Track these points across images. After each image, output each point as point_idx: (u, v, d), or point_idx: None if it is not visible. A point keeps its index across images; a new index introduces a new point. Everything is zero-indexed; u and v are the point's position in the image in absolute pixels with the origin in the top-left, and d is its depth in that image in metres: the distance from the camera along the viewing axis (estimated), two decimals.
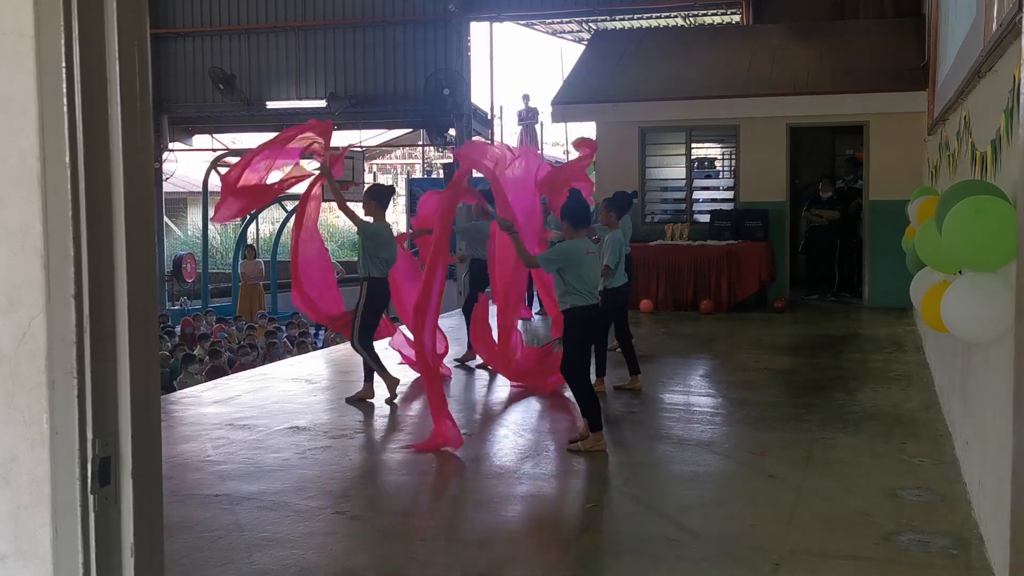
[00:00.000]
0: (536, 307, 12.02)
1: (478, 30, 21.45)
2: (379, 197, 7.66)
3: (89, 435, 1.62)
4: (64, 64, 1.57)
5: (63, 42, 1.57)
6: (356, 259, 7.64)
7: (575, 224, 6.05)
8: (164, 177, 22.40)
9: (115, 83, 1.62)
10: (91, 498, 1.64)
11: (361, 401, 7.49)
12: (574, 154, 9.33)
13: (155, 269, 1.78)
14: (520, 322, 8.15)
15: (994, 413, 3.99)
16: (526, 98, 23.20)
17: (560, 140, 28.92)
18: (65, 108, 1.58)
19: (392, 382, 7.50)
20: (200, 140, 24.44)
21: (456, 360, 9.01)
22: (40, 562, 1.63)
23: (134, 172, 1.66)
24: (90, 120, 1.60)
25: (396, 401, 7.46)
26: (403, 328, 8.26)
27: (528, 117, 23.25)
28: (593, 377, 6.66)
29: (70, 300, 1.60)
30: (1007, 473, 3.55)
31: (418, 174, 30.50)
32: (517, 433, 6.49)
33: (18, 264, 1.61)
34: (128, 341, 1.66)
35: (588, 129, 16.86)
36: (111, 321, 1.66)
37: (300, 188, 7.94)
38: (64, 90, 1.58)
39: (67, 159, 1.58)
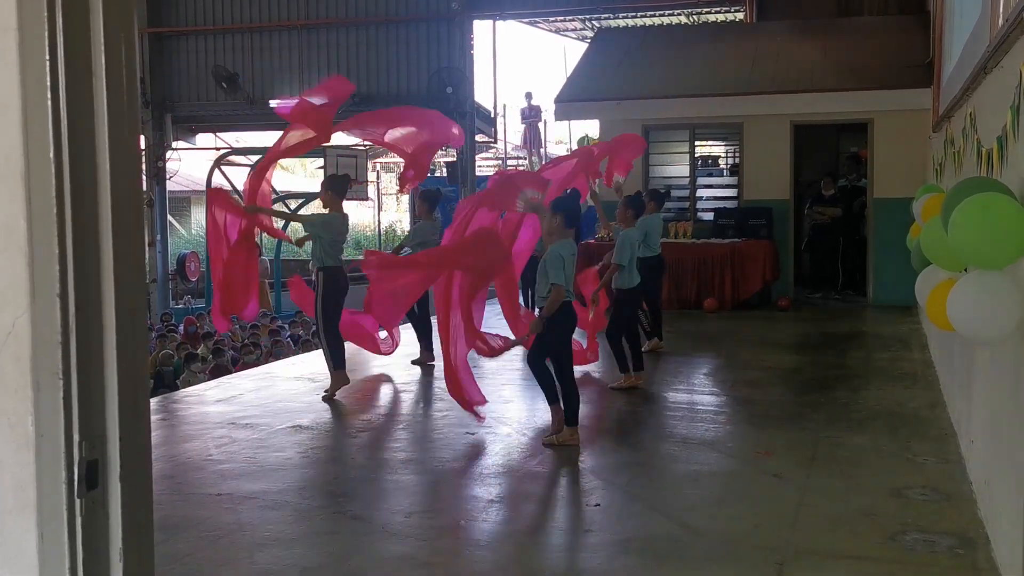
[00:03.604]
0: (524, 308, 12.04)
1: (481, 28, 21.45)
2: (336, 187, 7.79)
3: (75, 438, 1.58)
4: (48, 57, 1.54)
5: (47, 35, 1.53)
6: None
7: (568, 222, 6.09)
8: (167, 176, 22.40)
9: (101, 77, 1.58)
10: (78, 502, 1.60)
11: (335, 390, 7.55)
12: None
13: (144, 267, 1.75)
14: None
15: (1000, 411, 3.96)
16: (528, 96, 23.19)
17: (564, 138, 28.88)
18: (49, 103, 1.54)
19: (340, 380, 7.52)
20: (203, 139, 24.45)
21: (413, 361, 9.10)
22: (25, 568, 1.60)
23: (121, 168, 1.62)
24: (75, 115, 1.56)
25: (337, 397, 7.51)
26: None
27: (531, 115, 23.23)
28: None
29: (55, 300, 1.57)
30: (1014, 472, 3.52)
31: None
32: (520, 432, 6.46)
33: (2, 263, 1.57)
34: (116, 341, 1.62)
35: (591, 127, 16.84)
36: (98, 321, 1.62)
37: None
38: (48, 84, 1.54)
39: (51, 155, 1.54)
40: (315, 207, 7.93)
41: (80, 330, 1.59)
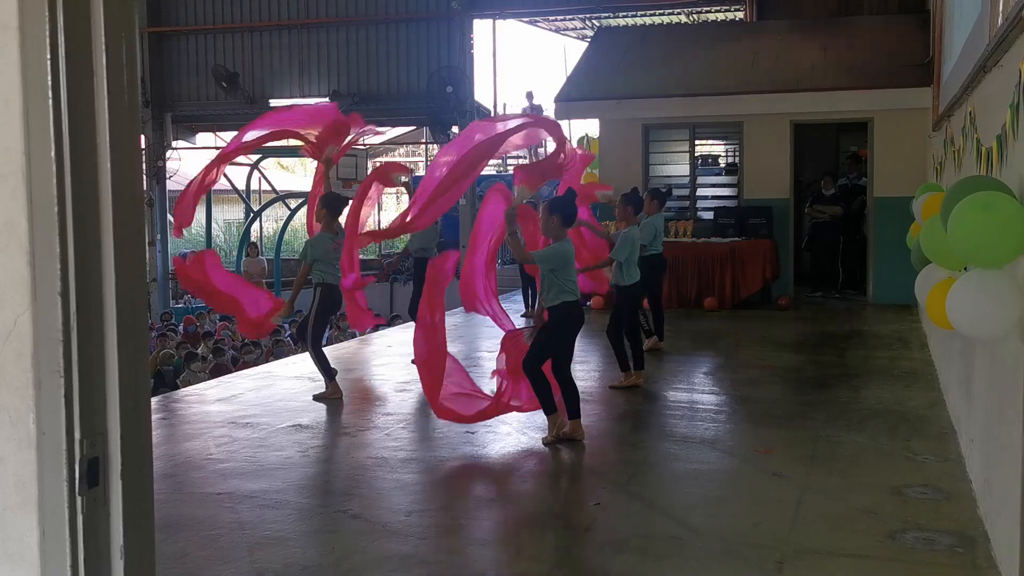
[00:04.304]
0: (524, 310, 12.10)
1: (481, 27, 21.43)
2: (331, 206, 7.72)
3: (77, 435, 1.59)
4: (49, 56, 1.54)
5: (48, 33, 1.54)
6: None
7: (565, 222, 6.11)
8: (167, 175, 22.41)
9: (102, 76, 1.59)
10: (79, 500, 1.61)
11: (329, 399, 7.56)
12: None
13: (144, 265, 1.76)
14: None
15: (1000, 410, 3.96)
16: (530, 96, 23.17)
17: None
18: (50, 101, 1.55)
19: (333, 391, 7.56)
20: (203, 138, 24.46)
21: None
22: (27, 565, 1.61)
23: (122, 166, 1.62)
24: (76, 114, 1.57)
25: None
26: None
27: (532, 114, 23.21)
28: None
29: (56, 298, 1.57)
30: (1013, 471, 3.52)
31: (421, 172, 30.48)
32: (520, 431, 6.46)
33: (3, 261, 1.58)
34: (116, 339, 1.63)
35: (592, 126, 16.86)
36: (99, 319, 1.63)
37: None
38: (49, 83, 1.55)
39: (53, 153, 1.55)
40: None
41: (81, 328, 1.60)
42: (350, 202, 8.30)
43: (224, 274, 8.03)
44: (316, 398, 7.49)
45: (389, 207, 34.42)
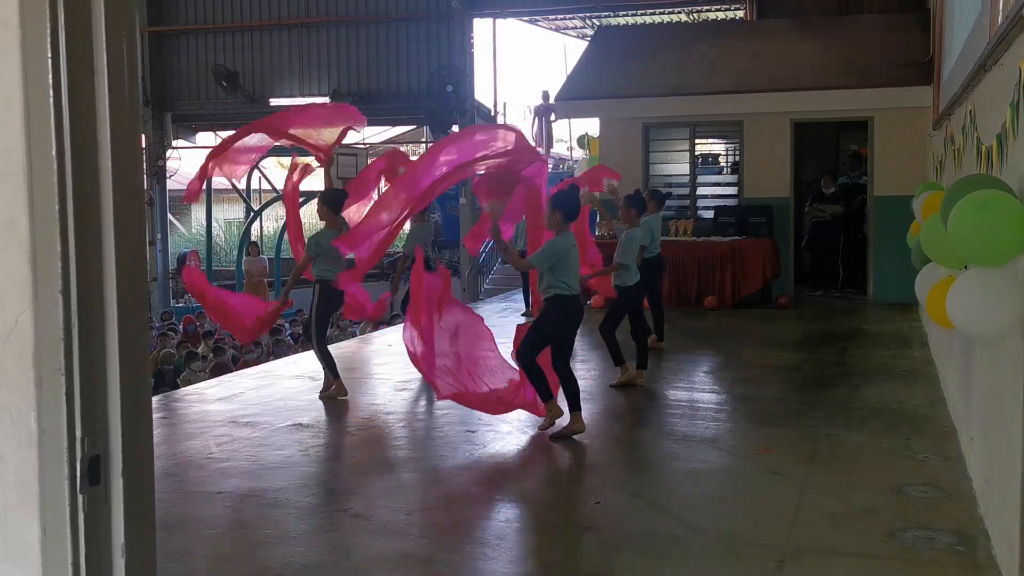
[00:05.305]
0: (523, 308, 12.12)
1: (481, 26, 21.43)
2: (331, 202, 7.66)
3: (78, 433, 1.59)
4: (50, 55, 1.55)
5: (48, 32, 1.54)
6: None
7: (568, 217, 6.15)
8: (168, 174, 22.42)
9: (103, 74, 1.59)
10: (80, 498, 1.61)
11: (334, 397, 7.55)
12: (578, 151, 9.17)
13: (145, 264, 1.76)
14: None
15: (1000, 409, 3.96)
16: (545, 95, 23.15)
17: (564, 136, 28.91)
18: (51, 100, 1.55)
19: (340, 390, 7.54)
20: (203, 137, 24.46)
21: None
22: (29, 564, 1.61)
23: (122, 165, 1.63)
24: (77, 112, 1.57)
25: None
26: None
27: (545, 112, 23.21)
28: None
29: (57, 296, 1.58)
30: (1014, 469, 3.52)
31: None
32: (520, 430, 6.46)
33: (4, 260, 1.58)
34: (117, 337, 1.63)
35: (592, 125, 16.85)
36: (100, 317, 1.63)
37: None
38: (50, 82, 1.55)
39: (53, 152, 1.55)
40: (313, 206, 8.06)
41: (82, 326, 1.60)
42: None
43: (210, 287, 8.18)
44: (322, 396, 7.50)
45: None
